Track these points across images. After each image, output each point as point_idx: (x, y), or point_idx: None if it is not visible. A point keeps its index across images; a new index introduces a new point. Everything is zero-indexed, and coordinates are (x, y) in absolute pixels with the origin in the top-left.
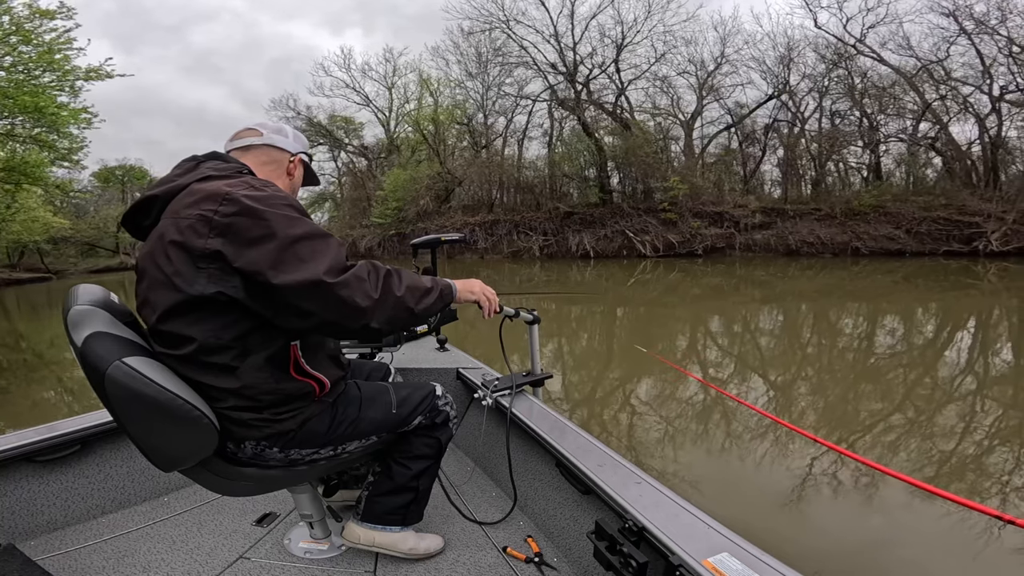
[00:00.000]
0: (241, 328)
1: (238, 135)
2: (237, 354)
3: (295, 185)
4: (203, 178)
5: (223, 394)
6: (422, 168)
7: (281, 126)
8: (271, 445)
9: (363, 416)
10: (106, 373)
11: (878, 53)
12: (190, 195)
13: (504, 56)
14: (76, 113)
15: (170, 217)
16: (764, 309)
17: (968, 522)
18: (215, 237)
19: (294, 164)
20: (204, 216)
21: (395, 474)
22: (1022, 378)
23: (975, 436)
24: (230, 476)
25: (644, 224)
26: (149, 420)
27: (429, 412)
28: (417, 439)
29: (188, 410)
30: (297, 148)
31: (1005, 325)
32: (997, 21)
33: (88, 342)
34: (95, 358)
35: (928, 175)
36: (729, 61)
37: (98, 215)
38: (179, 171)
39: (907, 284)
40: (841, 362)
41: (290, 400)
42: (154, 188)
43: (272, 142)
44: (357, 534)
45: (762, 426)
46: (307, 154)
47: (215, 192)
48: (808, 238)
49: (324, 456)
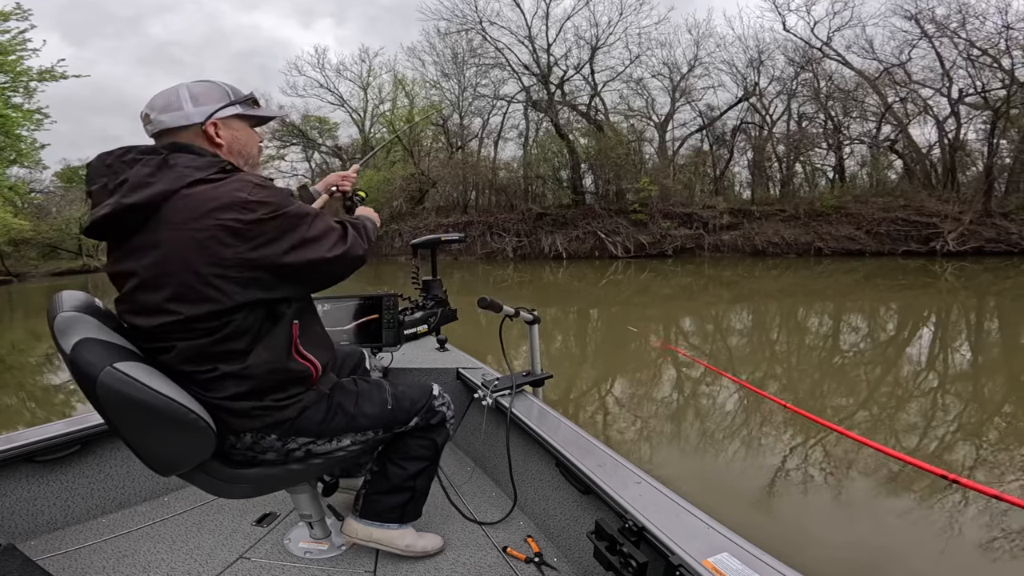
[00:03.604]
0: (258, 313)
1: (144, 119)
2: (252, 337)
3: (238, 148)
4: (194, 181)
5: (227, 382)
6: (396, 169)
7: (169, 97)
8: (269, 433)
9: (358, 410)
10: (97, 379)
11: (843, 56)
12: (194, 203)
13: (479, 57)
14: (29, 115)
15: (179, 228)
16: (734, 308)
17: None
18: (241, 244)
19: (215, 129)
20: (226, 226)
21: (391, 474)
22: (982, 370)
23: (942, 422)
24: (228, 479)
25: (615, 225)
26: (144, 425)
27: (426, 413)
28: (413, 440)
29: (184, 413)
30: (204, 112)
31: (963, 323)
32: (957, 24)
33: (77, 349)
34: (85, 365)
35: (890, 177)
36: (702, 63)
37: (60, 216)
38: (147, 169)
39: (867, 283)
40: (808, 360)
41: (290, 384)
42: (129, 195)
43: (164, 125)
44: (355, 529)
45: (748, 410)
46: (233, 103)
47: (230, 198)
48: (773, 239)
49: (320, 450)
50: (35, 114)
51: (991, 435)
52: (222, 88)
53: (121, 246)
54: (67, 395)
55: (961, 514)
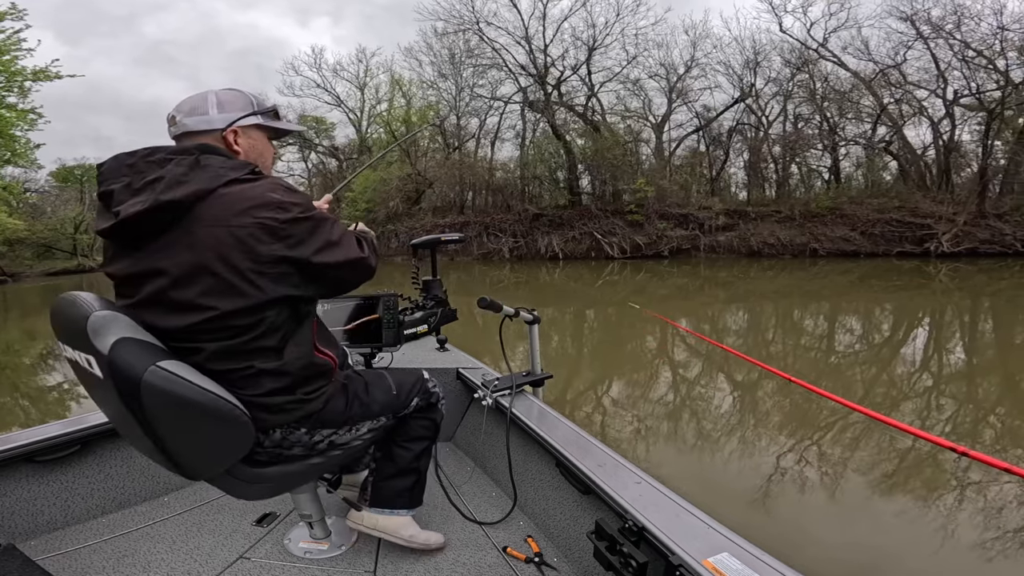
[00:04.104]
0: (286, 312)
1: (169, 121)
2: (284, 335)
3: (254, 156)
4: (230, 181)
5: (264, 379)
6: (393, 170)
7: (196, 101)
8: (299, 426)
9: (371, 397)
10: (142, 379)
11: (839, 57)
12: (230, 202)
13: (476, 58)
14: (23, 115)
15: (217, 225)
16: (730, 309)
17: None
18: (277, 242)
19: (234, 136)
20: (263, 224)
21: (397, 457)
22: (977, 370)
23: (937, 422)
24: (250, 479)
25: (612, 226)
26: (189, 422)
27: (423, 394)
28: (414, 422)
29: (230, 409)
30: (226, 119)
31: (958, 324)
32: (952, 25)
33: (116, 349)
34: (126, 365)
35: (885, 178)
36: (698, 64)
37: (55, 216)
38: (182, 169)
39: (862, 284)
40: (804, 360)
41: (316, 377)
42: (166, 192)
43: (188, 128)
44: (361, 518)
45: (747, 409)
46: (255, 113)
47: (265, 199)
48: (769, 239)
49: (341, 441)
50: (29, 114)
51: (987, 434)
52: (247, 97)
53: (144, 246)
54: (61, 395)
55: (961, 514)
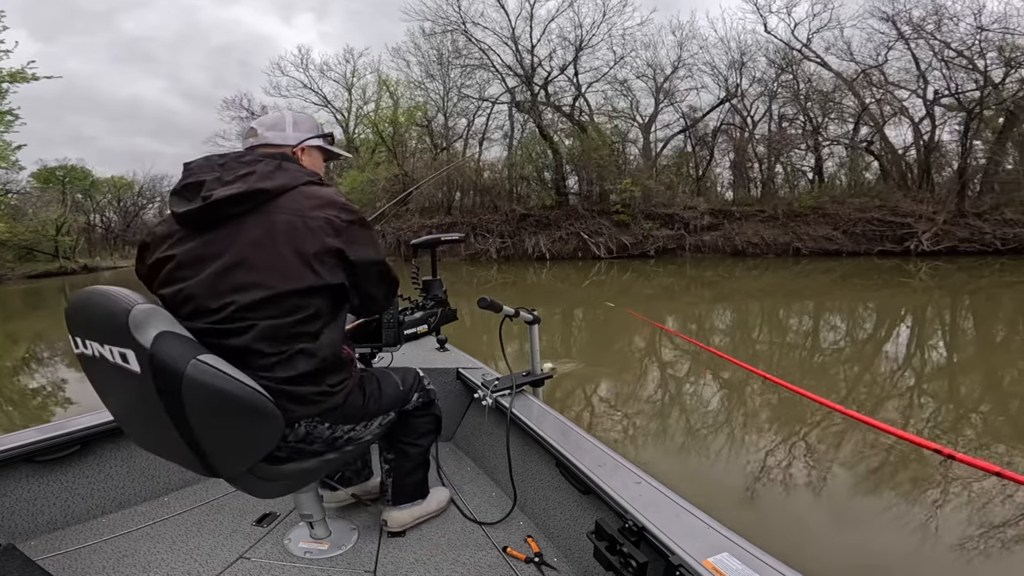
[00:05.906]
0: (330, 301)
1: (251, 132)
2: (324, 322)
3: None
4: (307, 182)
5: (298, 360)
6: (380, 170)
7: (276, 119)
8: (323, 421)
9: (383, 393)
10: (184, 373)
11: (822, 58)
12: (306, 198)
13: (464, 58)
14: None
15: (295, 214)
16: (716, 308)
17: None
18: (336, 237)
19: (301, 152)
20: (330, 220)
21: (411, 454)
22: (958, 368)
23: (920, 419)
24: (269, 476)
25: (598, 226)
26: (223, 419)
27: (422, 390)
28: (417, 420)
29: (263, 402)
30: (297, 138)
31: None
32: (933, 26)
33: (159, 343)
34: (169, 359)
35: (867, 178)
36: (685, 65)
37: (36, 218)
38: (270, 168)
39: (844, 283)
40: (789, 359)
41: (340, 369)
42: (259, 182)
43: (267, 140)
44: (396, 517)
45: (747, 408)
46: (319, 136)
47: (332, 200)
48: (753, 239)
49: (356, 436)
50: (6, 116)
51: (968, 432)
52: (313, 121)
53: (220, 227)
54: (44, 399)
55: (960, 513)
